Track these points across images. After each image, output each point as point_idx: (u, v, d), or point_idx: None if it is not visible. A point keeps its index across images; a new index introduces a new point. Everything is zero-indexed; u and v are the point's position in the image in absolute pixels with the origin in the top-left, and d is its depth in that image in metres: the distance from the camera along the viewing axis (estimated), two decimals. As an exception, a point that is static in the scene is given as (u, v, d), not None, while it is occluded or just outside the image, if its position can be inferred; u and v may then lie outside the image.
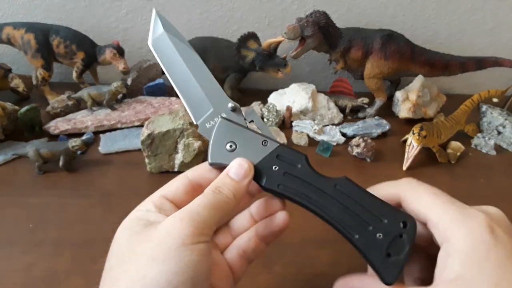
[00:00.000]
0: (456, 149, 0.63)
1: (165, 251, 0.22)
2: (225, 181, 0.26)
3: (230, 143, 0.28)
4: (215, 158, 0.27)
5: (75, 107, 0.68)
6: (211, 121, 0.29)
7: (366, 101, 0.75)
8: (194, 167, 0.29)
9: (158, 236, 0.23)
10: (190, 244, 0.22)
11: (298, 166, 0.27)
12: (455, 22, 0.86)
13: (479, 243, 0.22)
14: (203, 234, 0.24)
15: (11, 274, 0.37)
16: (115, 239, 0.25)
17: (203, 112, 0.30)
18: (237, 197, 0.26)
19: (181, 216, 0.23)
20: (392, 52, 0.71)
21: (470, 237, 0.22)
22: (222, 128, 0.28)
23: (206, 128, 0.29)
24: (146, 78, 0.75)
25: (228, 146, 0.27)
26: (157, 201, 0.26)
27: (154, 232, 0.23)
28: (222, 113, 0.29)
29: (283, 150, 0.27)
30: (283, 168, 0.27)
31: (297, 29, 0.69)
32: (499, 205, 0.54)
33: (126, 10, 0.80)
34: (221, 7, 0.81)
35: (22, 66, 0.83)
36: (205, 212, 0.24)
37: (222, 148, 0.28)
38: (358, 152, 0.60)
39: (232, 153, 0.27)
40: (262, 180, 0.27)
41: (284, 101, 0.74)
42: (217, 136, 0.28)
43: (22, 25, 0.69)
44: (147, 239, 0.23)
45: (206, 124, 0.29)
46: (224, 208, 0.25)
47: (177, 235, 0.22)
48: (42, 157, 0.52)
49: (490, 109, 0.72)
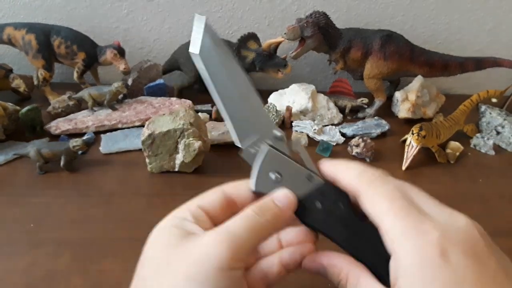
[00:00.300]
0: (455, 149, 0.63)
1: (202, 273, 0.21)
2: (270, 205, 0.25)
3: (276, 173, 0.27)
4: (260, 187, 0.27)
5: (76, 107, 0.68)
6: (255, 146, 0.28)
7: (366, 101, 0.75)
8: (231, 182, 0.28)
9: (196, 255, 0.22)
10: (227, 269, 0.22)
11: (341, 206, 0.26)
12: (455, 23, 0.86)
13: (426, 264, 0.20)
14: (240, 259, 0.23)
15: (12, 274, 0.37)
16: (150, 245, 0.24)
17: (249, 136, 0.28)
18: (278, 225, 0.25)
19: (221, 238, 0.23)
20: (392, 53, 0.72)
21: (418, 256, 0.20)
22: (269, 157, 0.27)
23: (250, 153, 0.28)
24: (147, 78, 0.76)
25: (273, 176, 0.27)
26: (194, 210, 0.25)
27: (193, 248, 0.23)
28: (267, 139, 0.28)
29: (328, 187, 0.27)
30: (326, 207, 0.26)
31: (297, 29, 0.69)
32: (498, 205, 0.54)
33: (127, 11, 0.81)
34: (221, 7, 0.81)
35: (23, 66, 0.83)
36: (245, 235, 0.23)
37: (267, 177, 0.27)
38: (358, 152, 0.61)
39: (277, 183, 0.27)
40: (304, 215, 0.26)
41: (284, 101, 0.74)
42: (263, 164, 0.27)
43: (23, 26, 0.69)
44: (185, 254, 0.22)
45: (251, 150, 0.28)
46: (264, 233, 0.25)
47: (215, 258, 0.22)
48: (43, 157, 0.53)
49: (489, 109, 0.72)
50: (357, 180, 0.25)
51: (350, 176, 0.26)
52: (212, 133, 0.62)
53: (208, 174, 0.55)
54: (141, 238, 0.41)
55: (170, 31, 0.83)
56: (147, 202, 0.48)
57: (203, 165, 0.56)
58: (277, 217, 0.25)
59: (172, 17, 0.82)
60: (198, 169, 0.55)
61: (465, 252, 0.20)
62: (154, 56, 0.86)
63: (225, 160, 0.59)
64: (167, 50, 0.84)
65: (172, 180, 0.53)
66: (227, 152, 0.61)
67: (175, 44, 0.80)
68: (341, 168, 0.27)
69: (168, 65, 0.79)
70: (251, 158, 0.28)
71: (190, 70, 0.75)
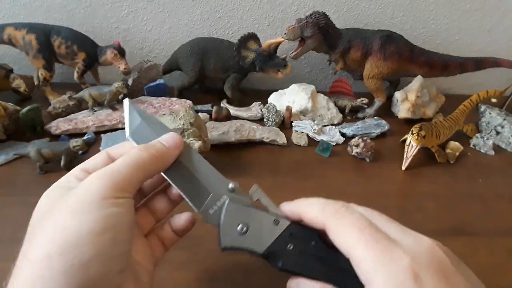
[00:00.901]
0: (455, 149, 0.63)
1: (85, 204, 0.23)
2: (156, 144, 0.28)
3: (241, 224, 0.26)
4: (228, 242, 0.26)
5: (76, 108, 0.68)
6: (213, 205, 0.28)
7: (366, 101, 0.75)
8: (116, 145, 0.30)
9: (77, 193, 0.24)
10: (111, 198, 0.23)
11: (312, 243, 0.26)
12: (454, 23, 0.86)
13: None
14: (124, 190, 0.24)
15: (13, 273, 0.38)
16: (36, 207, 0.25)
17: (203, 198, 0.28)
18: (163, 161, 0.27)
19: (99, 175, 0.24)
20: (391, 53, 0.72)
21: (392, 282, 0.21)
22: (231, 210, 0.27)
23: (210, 214, 0.28)
24: (147, 78, 0.76)
25: (239, 228, 0.26)
26: (77, 173, 0.27)
27: (75, 190, 0.24)
28: (222, 195, 0.28)
29: (296, 228, 0.26)
30: (297, 247, 0.26)
31: (297, 30, 0.69)
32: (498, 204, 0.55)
33: (127, 11, 0.81)
34: (222, 8, 0.81)
35: (24, 66, 0.83)
36: (127, 170, 0.25)
37: (234, 231, 0.26)
38: (358, 152, 0.61)
39: (245, 235, 0.26)
40: (279, 262, 0.25)
41: (284, 101, 0.74)
42: (226, 219, 0.27)
43: (24, 26, 0.69)
44: (68, 197, 0.24)
45: (209, 211, 0.28)
46: (148, 168, 0.26)
47: (96, 191, 0.23)
48: (43, 157, 0.53)
49: (489, 109, 0.72)
50: (321, 215, 0.25)
51: (313, 212, 0.25)
52: (212, 133, 0.62)
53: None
54: (142, 237, 0.40)
55: (170, 31, 0.83)
56: (148, 202, 0.48)
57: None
58: (162, 153, 0.27)
59: (172, 17, 0.82)
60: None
61: (435, 274, 0.21)
62: (154, 56, 0.86)
63: (225, 160, 0.59)
64: (167, 50, 0.84)
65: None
66: (227, 152, 0.61)
67: (175, 44, 0.80)
68: (303, 206, 0.27)
69: (168, 65, 0.79)
70: (213, 218, 0.27)
71: (190, 70, 0.75)
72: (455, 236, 0.46)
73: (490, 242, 0.45)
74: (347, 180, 0.56)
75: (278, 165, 0.59)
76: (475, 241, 0.45)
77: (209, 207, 0.28)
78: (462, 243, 0.44)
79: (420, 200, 0.52)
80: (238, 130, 0.63)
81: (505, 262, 0.43)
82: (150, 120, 0.30)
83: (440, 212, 0.50)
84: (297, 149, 0.64)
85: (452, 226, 0.48)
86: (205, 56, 0.74)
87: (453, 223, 0.48)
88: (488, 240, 0.45)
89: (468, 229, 0.47)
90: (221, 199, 0.28)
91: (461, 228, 0.47)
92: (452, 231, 0.47)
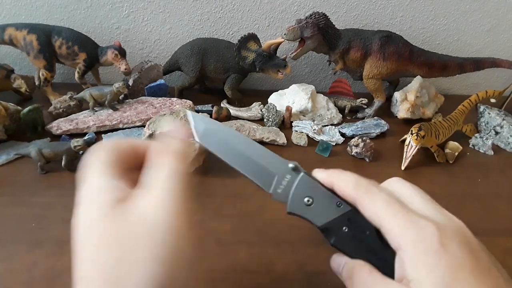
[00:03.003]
0: (454, 149, 0.63)
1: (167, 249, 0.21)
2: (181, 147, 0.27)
3: (308, 197, 0.30)
4: (293, 209, 0.30)
5: (77, 108, 0.68)
6: (280, 185, 0.31)
7: (365, 101, 0.76)
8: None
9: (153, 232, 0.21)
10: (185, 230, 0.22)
11: (367, 233, 0.28)
12: (453, 23, 0.86)
13: (428, 251, 0.22)
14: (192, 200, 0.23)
15: (14, 273, 0.38)
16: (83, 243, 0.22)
17: (270, 181, 0.31)
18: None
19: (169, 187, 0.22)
20: (391, 53, 0.72)
21: (420, 245, 0.23)
22: (303, 183, 0.30)
23: (278, 193, 0.31)
24: (148, 78, 0.76)
25: (306, 200, 0.30)
26: (111, 171, 0.24)
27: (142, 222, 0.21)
28: (286, 175, 0.31)
29: (355, 215, 0.28)
30: (352, 232, 0.28)
31: (297, 30, 0.69)
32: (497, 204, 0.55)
33: (128, 12, 0.81)
34: (222, 8, 0.82)
35: (25, 66, 0.84)
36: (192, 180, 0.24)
37: (301, 201, 0.30)
38: (357, 152, 0.61)
39: (309, 207, 0.30)
40: (331, 239, 0.29)
41: (284, 102, 0.74)
42: (297, 189, 0.30)
43: (25, 26, 0.69)
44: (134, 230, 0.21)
45: (278, 190, 0.31)
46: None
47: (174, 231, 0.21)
48: (44, 157, 0.53)
49: (488, 109, 0.72)
50: (353, 192, 0.27)
51: (347, 187, 0.28)
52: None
53: (208, 173, 0.56)
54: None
55: (170, 31, 0.84)
56: (148, 202, 0.49)
57: (204, 165, 0.56)
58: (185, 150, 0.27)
59: (173, 18, 0.82)
60: (198, 169, 0.56)
61: (460, 245, 0.23)
62: (154, 56, 0.86)
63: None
64: (168, 50, 0.85)
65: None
66: (227, 152, 0.61)
67: (176, 44, 0.81)
68: (337, 178, 0.29)
69: (169, 66, 0.79)
70: (282, 196, 0.31)
71: (190, 70, 0.75)
72: (454, 235, 0.46)
73: (488, 241, 0.45)
74: (346, 180, 0.57)
75: (278, 165, 0.59)
76: (474, 241, 0.45)
77: (277, 187, 0.31)
78: (461, 242, 0.45)
79: (419, 200, 0.52)
80: (238, 130, 0.64)
81: (504, 261, 0.43)
82: (212, 124, 0.34)
83: (439, 212, 0.50)
84: (297, 149, 0.64)
85: (451, 226, 0.48)
86: (206, 56, 0.74)
87: (452, 222, 0.48)
88: (486, 240, 0.45)
89: (467, 228, 0.47)
90: (286, 178, 0.31)
91: (460, 228, 0.48)
92: (451, 230, 0.47)
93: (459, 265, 0.22)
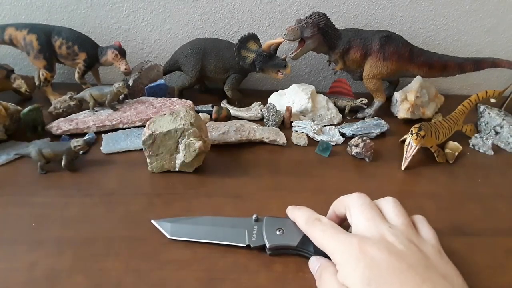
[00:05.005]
0: (454, 149, 0.63)
1: None
2: None
3: (278, 229, 0.40)
4: (272, 243, 0.39)
5: (77, 108, 0.68)
6: (252, 235, 0.41)
7: (365, 101, 0.76)
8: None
9: None
10: None
11: None
12: (453, 23, 0.86)
13: (352, 257, 0.31)
14: None
15: (14, 273, 0.38)
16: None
17: (243, 236, 0.41)
18: None
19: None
20: (391, 53, 0.72)
21: (345, 254, 0.32)
22: (269, 223, 0.41)
23: (254, 241, 0.40)
24: (148, 78, 0.76)
25: (277, 232, 0.40)
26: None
27: None
28: (253, 226, 0.42)
29: None
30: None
31: (297, 30, 0.69)
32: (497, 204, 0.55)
33: (128, 12, 0.81)
34: (222, 8, 0.82)
35: (25, 66, 0.84)
36: None
37: (274, 235, 0.40)
38: (357, 152, 0.61)
39: (283, 235, 0.40)
40: (310, 248, 0.38)
41: (284, 102, 0.74)
42: (267, 229, 0.40)
43: (25, 26, 0.69)
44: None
45: (252, 239, 0.40)
46: None
47: None
48: (44, 157, 0.53)
49: (488, 109, 0.72)
50: (305, 226, 0.38)
51: (300, 223, 0.39)
52: (212, 133, 0.62)
53: (208, 173, 0.56)
54: (142, 237, 0.41)
55: (170, 31, 0.84)
56: (148, 202, 0.49)
57: (204, 165, 0.56)
58: None
59: (173, 18, 0.82)
60: (198, 168, 0.56)
61: (380, 250, 0.31)
62: (155, 56, 0.86)
63: (225, 160, 0.59)
64: (168, 50, 0.85)
65: (173, 179, 0.54)
66: (227, 152, 0.61)
67: (176, 44, 0.81)
68: (293, 214, 0.41)
69: (169, 66, 0.79)
70: (258, 241, 0.40)
71: (190, 70, 0.75)
72: (454, 236, 0.46)
73: (489, 242, 0.45)
74: (346, 180, 0.57)
75: (278, 165, 0.59)
76: (474, 241, 0.45)
77: (251, 237, 0.41)
78: (461, 242, 0.45)
79: (419, 200, 0.52)
80: (238, 130, 0.64)
81: (504, 262, 0.43)
82: (176, 222, 0.43)
83: (439, 212, 0.50)
84: (297, 149, 0.64)
85: (451, 226, 0.48)
86: (206, 56, 0.74)
87: (452, 223, 0.48)
88: (487, 240, 0.46)
89: (467, 229, 0.47)
90: (254, 227, 0.41)
91: (460, 228, 0.47)
92: (451, 231, 0.47)
93: (376, 265, 0.30)
